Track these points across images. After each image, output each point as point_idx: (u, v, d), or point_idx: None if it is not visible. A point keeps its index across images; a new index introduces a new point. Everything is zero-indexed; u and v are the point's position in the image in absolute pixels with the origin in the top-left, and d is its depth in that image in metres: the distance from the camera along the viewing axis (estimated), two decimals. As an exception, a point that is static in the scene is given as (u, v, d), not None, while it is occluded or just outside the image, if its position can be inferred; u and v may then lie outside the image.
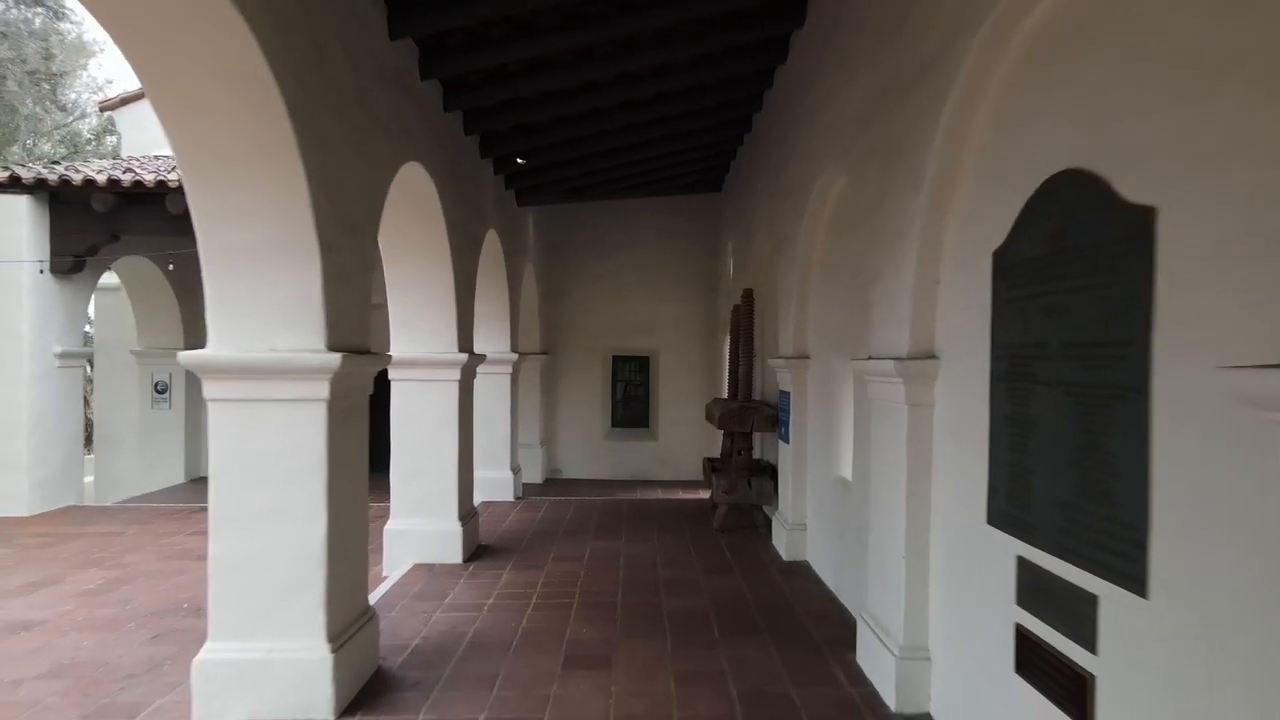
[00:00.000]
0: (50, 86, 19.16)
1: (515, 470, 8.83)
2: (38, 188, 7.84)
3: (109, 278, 9.78)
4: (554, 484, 11.16)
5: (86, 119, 20.87)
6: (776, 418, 6.75)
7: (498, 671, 3.83)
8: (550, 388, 11.76)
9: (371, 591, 4.77)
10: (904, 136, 3.41)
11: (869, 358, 3.74)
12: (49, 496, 8.19)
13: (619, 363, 12.13)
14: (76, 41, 20.52)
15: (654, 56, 5.44)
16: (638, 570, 5.75)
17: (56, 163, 9.43)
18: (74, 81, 20.73)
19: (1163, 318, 1.90)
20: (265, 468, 3.29)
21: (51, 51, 18.57)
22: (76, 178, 7.73)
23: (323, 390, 3.29)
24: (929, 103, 3.11)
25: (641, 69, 5.68)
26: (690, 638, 4.31)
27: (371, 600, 4.53)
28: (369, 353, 3.71)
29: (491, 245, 7.28)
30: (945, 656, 3.22)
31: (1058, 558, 2.33)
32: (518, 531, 7.06)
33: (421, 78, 4.72)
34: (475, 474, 6.76)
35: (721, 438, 8.13)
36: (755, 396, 7.59)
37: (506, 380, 8.49)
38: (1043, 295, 2.44)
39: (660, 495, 9.87)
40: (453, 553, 5.83)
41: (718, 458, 8.32)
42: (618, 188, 9.49)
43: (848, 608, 4.74)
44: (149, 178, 7.70)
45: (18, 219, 7.91)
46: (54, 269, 8.08)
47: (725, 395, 8.95)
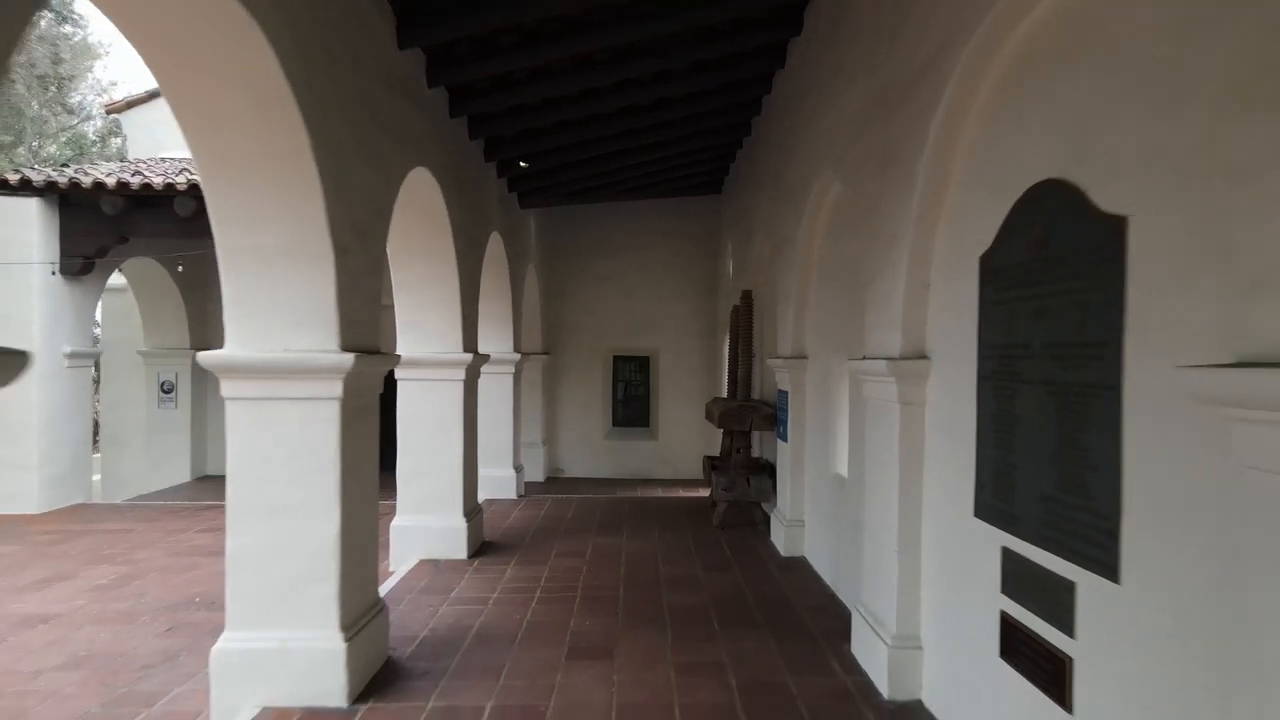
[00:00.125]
0: (57, 89, 19.28)
1: (518, 469, 8.94)
2: (48, 190, 7.97)
3: (115, 279, 9.88)
4: (555, 483, 11.28)
5: (91, 121, 20.98)
6: (775, 417, 6.86)
7: (504, 662, 3.95)
8: (551, 387, 11.86)
9: (379, 586, 4.88)
10: (897, 145, 3.53)
11: (864, 358, 3.86)
12: (58, 495, 8.31)
13: (619, 363, 12.23)
14: (82, 44, 20.66)
15: (654, 63, 5.57)
16: (639, 566, 5.86)
17: (66, 165, 9.54)
18: (80, 84, 20.85)
19: (1133, 320, 2.02)
20: (281, 464, 3.41)
21: (60, 55, 18.70)
22: (86, 180, 7.86)
23: (336, 389, 3.41)
24: (920, 113, 3.23)
25: (642, 75, 5.80)
26: (690, 630, 4.42)
27: (380, 594, 4.64)
28: (380, 353, 3.83)
29: (495, 247, 7.40)
30: (935, 645, 3.34)
31: (1039, 547, 2.46)
32: (521, 528, 7.18)
33: (429, 85, 4.85)
34: (478, 472, 6.87)
35: (721, 436, 8.24)
36: (754, 396, 7.70)
37: (509, 380, 8.60)
38: (1026, 298, 2.56)
39: (661, 493, 9.98)
40: (458, 548, 5.95)
41: (717, 456, 8.43)
42: (619, 190, 9.61)
43: (844, 601, 4.85)
44: (157, 180, 7.82)
45: (29, 222, 8.03)
46: (64, 270, 8.20)
47: (725, 395, 9.06)
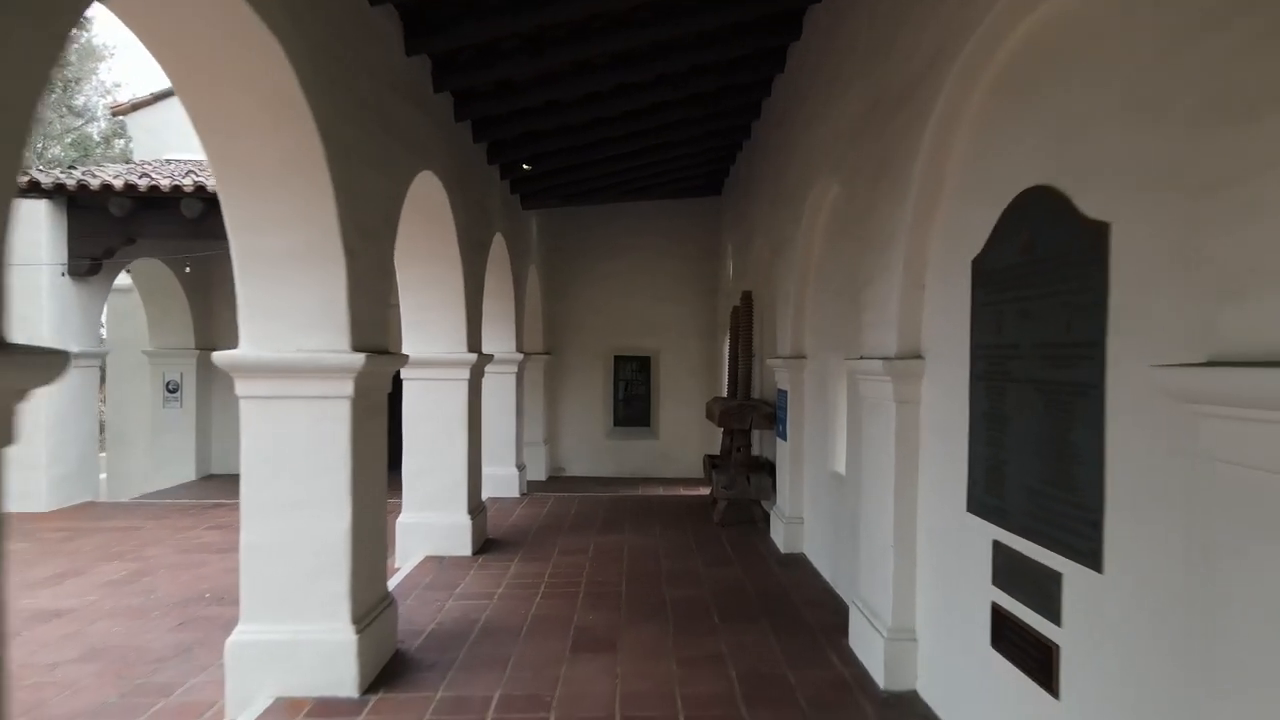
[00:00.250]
0: (63, 90, 19.39)
1: (520, 467, 9.03)
2: (56, 192, 8.06)
3: (120, 280, 9.98)
4: (557, 481, 11.38)
5: (96, 122, 21.09)
6: (774, 415, 6.96)
7: (509, 654, 4.04)
8: (553, 387, 11.96)
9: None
10: (892, 151, 3.62)
11: (860, 357, 3.96)
12: (66, 493, 8.41)
13: (620, 362, 12.33)
14: (87, 46, 20.77)
15: (654, 67, 5.66)
16: (641, 562, 5.96)
17: (73, 167, 9.63)
18: (85, 85, 20.97)
19: (1115, 322, 2.12)
20: (294, 461, 3.51)
21: (67, 58, 18.79)
22: (94, 183, 7.95)
23: (347, 388, 3.51)
24: (914, 121, 3.32)
25: (642, 79, 5.90)
26: (692, 624, 4.52)
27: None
28: (389, 353, 3.93)
29: (498, 248, 7.51)
30: (929, 636, 3.44)
31: (1028, 540, 2.55)
32: (524, 526, 7.28)
33: (434, 90, 4.94)
34: (482, 470, 6.96)
35: (721, 435, 8.33)
36: (754, 395, 7.79)
37: (511, 380, 8.69)
38: (1016, 300, 2.66)
39: (662, 492, 10.09)
40: (462, 545, 6.05)
41: (718, 455, 8.52)
42: (620, 192, 9.71)
43: (841, 596, 4.94)
44: (164, 183, 7.92)
45: (38, 223, 8.12)
46: (72, 271, 8.29)
47: (725, 394, 9.16)
